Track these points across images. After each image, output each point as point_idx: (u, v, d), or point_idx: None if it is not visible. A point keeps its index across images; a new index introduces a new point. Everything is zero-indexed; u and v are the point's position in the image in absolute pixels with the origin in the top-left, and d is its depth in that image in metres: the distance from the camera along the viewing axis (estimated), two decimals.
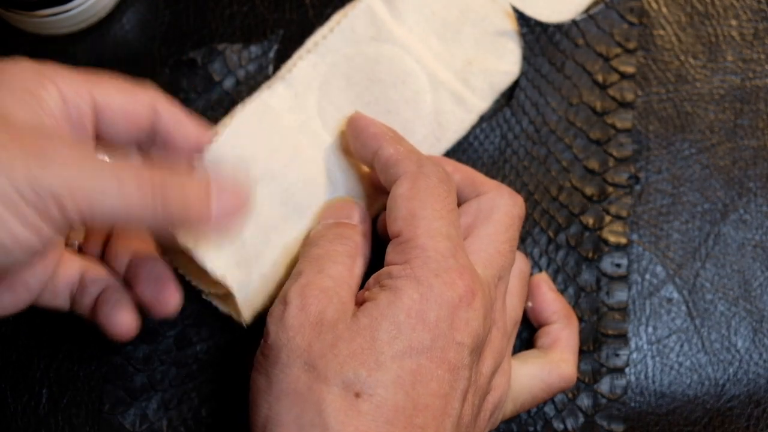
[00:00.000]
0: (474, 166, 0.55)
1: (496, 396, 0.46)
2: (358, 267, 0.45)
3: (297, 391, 0.40)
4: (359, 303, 0.43)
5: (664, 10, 0.58)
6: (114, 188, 0.37)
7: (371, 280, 0.44)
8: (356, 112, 0.49)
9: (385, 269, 0.43)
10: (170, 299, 0.45)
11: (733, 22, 0.58)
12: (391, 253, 0.43)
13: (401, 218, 0.44)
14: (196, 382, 0.51)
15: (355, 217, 0.47)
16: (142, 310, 0.46)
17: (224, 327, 0.51)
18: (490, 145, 0.55)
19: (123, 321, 0.45)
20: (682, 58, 0.57)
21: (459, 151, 0.55)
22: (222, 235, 0.44)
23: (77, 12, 0.54)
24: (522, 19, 0.56)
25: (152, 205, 0.38)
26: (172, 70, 0.55)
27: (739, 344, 0.53)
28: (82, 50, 0.56)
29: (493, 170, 0.55)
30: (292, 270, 0.46)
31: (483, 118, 0.55)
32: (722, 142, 0.56)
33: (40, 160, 0.36)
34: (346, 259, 0.44)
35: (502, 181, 0.54)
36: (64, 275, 0.45)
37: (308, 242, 0.45)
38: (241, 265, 0.46)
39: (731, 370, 0.53)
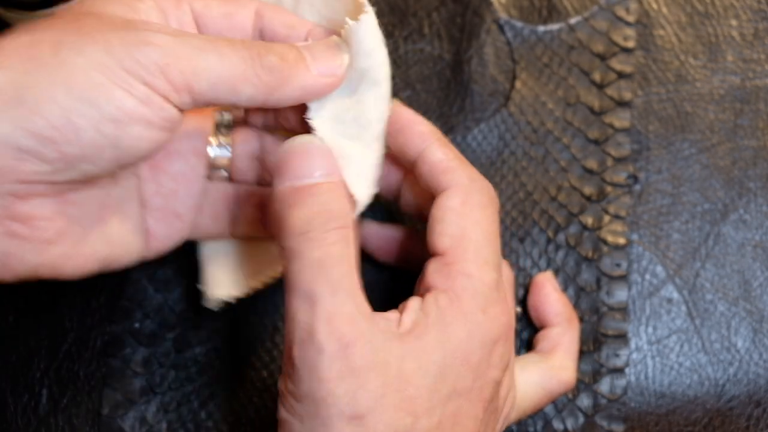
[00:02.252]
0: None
1: (506, 412, 0.45)
2: (354, 248, 0.40)
3: None
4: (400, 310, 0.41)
5: (664, 10, 0.58)
6: (214, 54, 0.37)
7: (412, 302, 0.41)
8: (397, 104, 0.45)
9: (430, 296, 0.41)
10: None
11: (733, 22, 0.58)
12: (434, 273, 0.42)
13: (450, 236, 0.42)
14: (195, 385, 0.51)
15: (326, 168, 0.41)
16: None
17: (223, 329, 0.51)
18: (488, 146, 0.55)
19: None
20: (682, 58, 0.57)
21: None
22: (320, 96, 0.42)
23: None
24: (511, 27, 0.56)
25: (251, 65, 0.38)
26: None
27: (739, 344, 0.53)
28: None
29: (491, 171, 0.55)
30: None
31: (481, 119, 0.55)
32: (722, 142, 0.56)
33: (137, 34, 0.36)
34: (345, 249, 0.39)
35: (501, 181, 0.54)
36: (219, 198, 0.46)
37: (295, 231, 0.39)
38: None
39: (731, 371, 0.53)
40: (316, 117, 0.42)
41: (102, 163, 0.37)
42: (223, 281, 0.49)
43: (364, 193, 0.43)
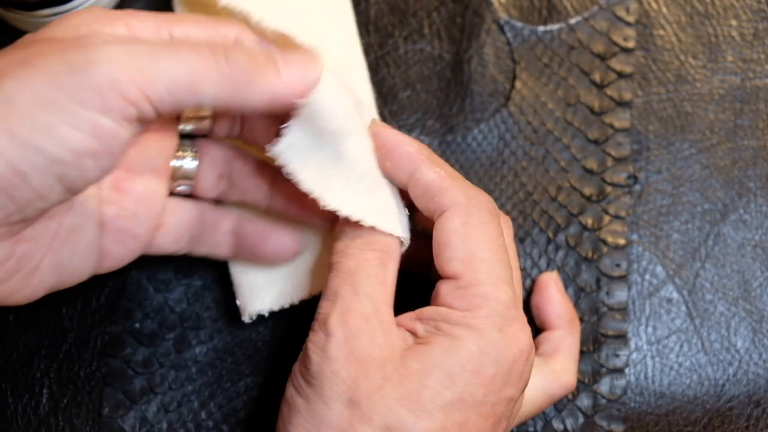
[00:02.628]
0: (472, 167, 0.55)
1: (513, 420, 0.45)
2: (391, 274, 0.42)
3: (339, 426, 0.39)
4: (409, 329, 0.42)
5: (664, 10, 0.58)
6: (168, 57, 0.35)
7: (425, 314, 0.42)
8: (377, 123, 0.44)
9: (443, 311, 0.41)
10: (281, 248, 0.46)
11: (733, 22, 0.58)
12: (449, 296, 0.42)
13: (458, 260, 0.41)
14: (195, 385, 0.51)
15: None
16: None
17: (223, 329, 0.51)
18: (488, 146, 0.55)
19: (281, 241, 0.45)
20: (682, 58, 0.57)
21: (457, 152, 0.55)
22: (288, 106, 0.40)
23: None
24: (511, 28, 0.56)
25: (216, 66, 0.36)
26: None
27: (739, 344, 0.53)
28: None
29: (491, 171, 0.55)
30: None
31: (481, 119, 0.55)
32: (722, 142, 0.56)
33: (83, 52, 0.34)
34: (379, 269, 0.42)
35: (501, 181, 0.54)
36: (181, 217, 0.46)
37: (338, 250, 0.43)
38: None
39: (731, 371, 0.53)
40: (331, 203, 0.42)
41: (53, 197, 0.36)
42: (260, 295, 0.49)
43: (402, 227, 0.44)
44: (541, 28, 0.57)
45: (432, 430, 0.39)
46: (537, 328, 0.52)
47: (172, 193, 0.47)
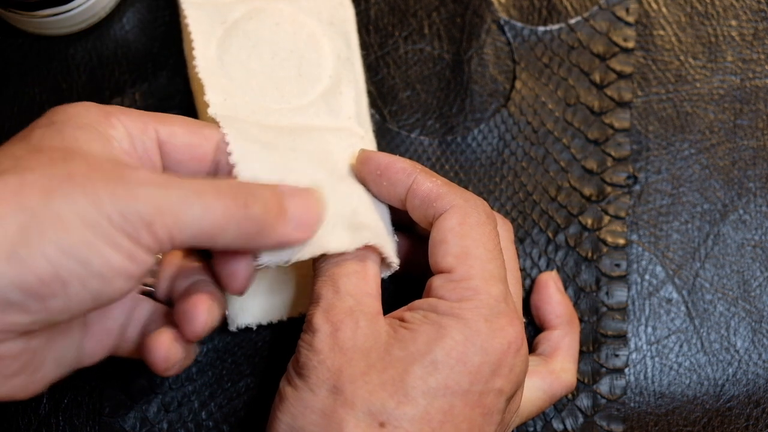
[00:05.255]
0: (472, 167, 0.55)
1: (509, 418, 0.46)
2: (372, 268, 0.44)
3: (323, 411, 0.40)
4: (396, 317, 0.43)
5: (664, 10, 0.58)
6: (199, 206, 0.37)
7: (416, 305, 0.43)
8: (364, 150, 0.47)
9: (433, 301, 0.42)
10: (196, 315, 0.43)
11: (733, 22, 0.58)
12: (441, 288, 0.43)
13: (453, 255, 0.43)
14: (195, 385, 0.51)
15: None
16: None
17: (223, 329, 0.51)
18: (488, 147, 0.55)
19: (159, 349, 0.43)
20: (682, 58, 0.57)
21: (457, 152, 0.55)
22: (300, 240, 0.42)
23: (77, 12, 0.54)
24: (511, 28, 0.56)
25: (235, 212, 0.38)
26: (171, 71, 0.55)
27: (739, 344, 0.53)
28: (82, 50, 0.56)
29: (491, 171, 0.55)
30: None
31: (481, 120, 0.55)
32: (722, 143, 0.56)
33: (125, 186, 0.36)
34: (358, 266, 0.43)
35: (501, 181, 0.54)
36: (137, 319, 0.45)
37: (317, 258, 0.44)
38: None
39: (730, 371, 0.53)
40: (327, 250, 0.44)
41: (78, 311, 0.37)
42: (250, 308, 0.49)
43: (393, 251, 0.45)
44: (541, 28, 0.57)
45: (415, 416, 0.39)
46: (537, 328, 0.52)
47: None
